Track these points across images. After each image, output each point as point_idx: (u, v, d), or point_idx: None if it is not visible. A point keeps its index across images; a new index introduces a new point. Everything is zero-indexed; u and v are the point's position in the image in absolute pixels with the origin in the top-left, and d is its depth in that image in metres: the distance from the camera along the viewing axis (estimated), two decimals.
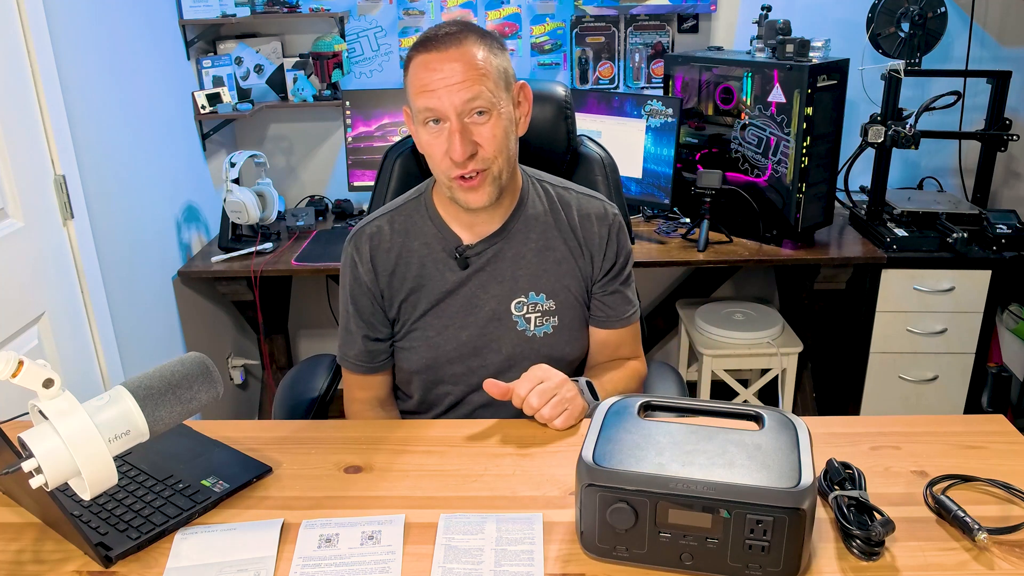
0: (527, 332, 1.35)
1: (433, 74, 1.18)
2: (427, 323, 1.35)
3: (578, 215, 1.37)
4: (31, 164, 1.75)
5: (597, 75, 2.82)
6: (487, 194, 1.24)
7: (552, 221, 1.36)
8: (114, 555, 0.96)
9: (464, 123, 1.19)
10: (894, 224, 2.48)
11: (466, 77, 1.17)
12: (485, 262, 1.33)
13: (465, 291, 1.34)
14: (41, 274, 1.77)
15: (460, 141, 1.18)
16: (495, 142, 1.21)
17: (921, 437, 1.16)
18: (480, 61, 1.19)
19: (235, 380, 2.85)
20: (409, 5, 2.76)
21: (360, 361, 1.39)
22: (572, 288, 1.37)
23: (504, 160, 1.24)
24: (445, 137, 1.20)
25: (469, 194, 1.24)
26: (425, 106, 1.19)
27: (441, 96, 1.17)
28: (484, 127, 1.20)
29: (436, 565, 0.93)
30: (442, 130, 1.20)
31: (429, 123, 1.21)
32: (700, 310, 2.73)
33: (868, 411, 2.55)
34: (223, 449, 1.17)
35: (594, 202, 1.39)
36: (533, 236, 1.35)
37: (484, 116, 1.20)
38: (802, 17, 2.67)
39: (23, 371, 0.86)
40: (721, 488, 0.86)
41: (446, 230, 1.34)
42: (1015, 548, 0.93)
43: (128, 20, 2.22)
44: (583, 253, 1.37)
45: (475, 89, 1.18)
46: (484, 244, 1.33)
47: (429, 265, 1.34)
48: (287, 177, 2.97)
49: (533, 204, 1.36)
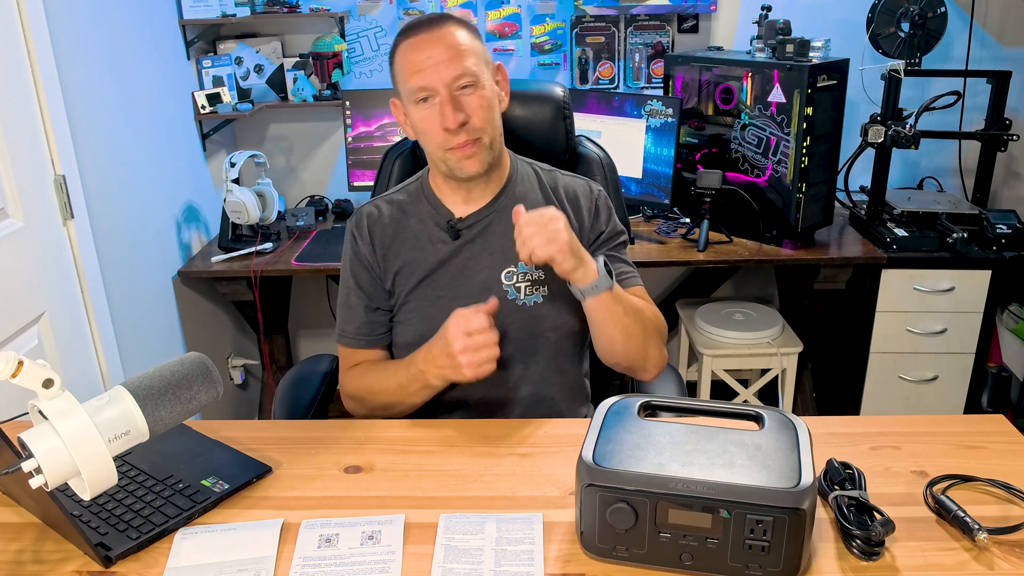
0: (517, 301, 1.38)
1: (421, 54, 1.27)
2: (420, 294, 1.40)
3: (565, 192, 1.44)
4: (31, 164, 1.75)
5: (597, 75, 2.83)
6: (480, 161, 1.32)
7: (541, 197, 1.43)
8: (114, 555, 0.96)
9: (454, 95, 1.27)
10: (894, 224, 2.48)
11: (452, 55, 1.27)
12: (476, 234, 1.39)
13: (457, 262, 1.39)
14: (41, 274, 1.77)
15: (452, 109, 1.26)
16: (483, 112, 1.30)
17: (921, 437, 1.16)
18: (462, 41, 1.29)
19: (235, 380, 2.85)
20: (409, 5, 2.76)
21: (361, 334, 1.43)
22: None
23: (492, 130, 1.33)
24: (437, 110, 1.28)
25: (464, 161, 1.31)
26: (417, 85, 1.28)
27: (430, 74, 1.27)
28: (472, 98, 1.29)
29: (436, 565, 0.93)
30: (433, 105, 1.28)
31: (421, 102, 1.29)
32: (700, 310, 2.73)
33: (868, 411, 2.55)
34: (223, 449, 1.17)
35: (578, 181, 1.46)
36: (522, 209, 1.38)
37: (471, 89, 1.29)
38: (802, 17, 2.67)
39: (23, 371, 0.86)
40: (721, 488, 0.86)
41: (440, 207, 1.41)
42: (1015, 548, 0.93)
43: (128, 20, 2.22)
44: (572, 224, 1.39)
45: (462, 66, 1.27)
46: (475, 216, 1.39)
47: (423, 238, 1.40)
48: (287, 177, 2.97)
49: (522, 182, 1.43)
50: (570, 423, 1.26)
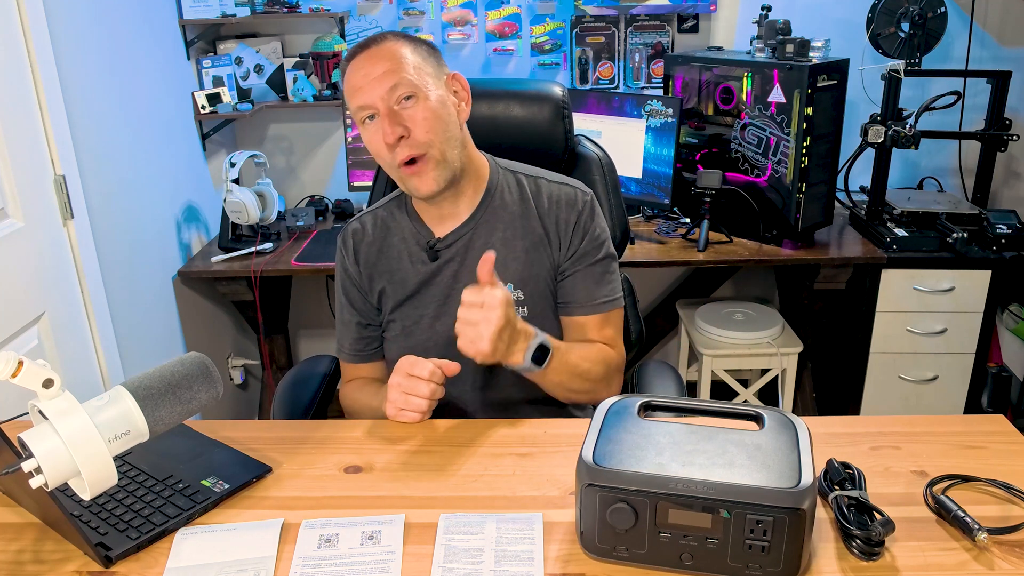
0: None
1: (358, 73, 1.26)
2: (403, 313, 1.40)
3: (548, 202, 1.38)
4: (31, 164, 1.75)
5: (597, 75, 2.83)
6: (432, 179, 1.27)
7: (522, 211, 1.38)
8: (114, 555, 0.96)
9: (392, 109, 1.25)
10: (894, 224, 2.48)
11: (387, 68, 1.24)
12: (455, 253, 1.37)
13: (438, 282, 1.38)
14: (41, 274, 1.77)
15: (389, 123, 1.23)
16: (426, 124, 1.25)
17: (921, 437, 1.16)
18: (398, 54, 1.26)
19: (235, 380, 2.85)
20: (409, 5, 2.76)
21: (355, 350, 1.46)
22: (542, 277, 1.38)
23: (443, 143, 1.27)
24: (380, 128, 1.25)
25: (413, 179, 1.28)
26: (358, 105, 1.26)
27: (366, 91, 1.24)
28: (412, 110, 1.25)
29: (436, 565, 0.93)
30: (378, 123, 1.26)
31: (366, 121, 1.27)
32: (700, 310, 2.73)
33: (868, 411, 2.55)
34: (223, 449, 1.17)
35: (565, 188, 1.39)
36: (501, 226, 1.37)
37: (411, 100, 1.25)
38: (802, 17, 2.67)
39: (23, 371, 0.86)
40: (721, 488, 0.86)
41: (420, 225, 1.39)
42: (1015, 548, 0.93)
43: (128, 20, 2.22)
44: (551, 241, 1.38)
45: (396, 77, 1.24)
46: (454, 236, 1.37)
47: (405, 258, 1.40)
48: (287, 177, 2.97)
49: (502, 194, 1.38)
50: (570, 423, 1.26)
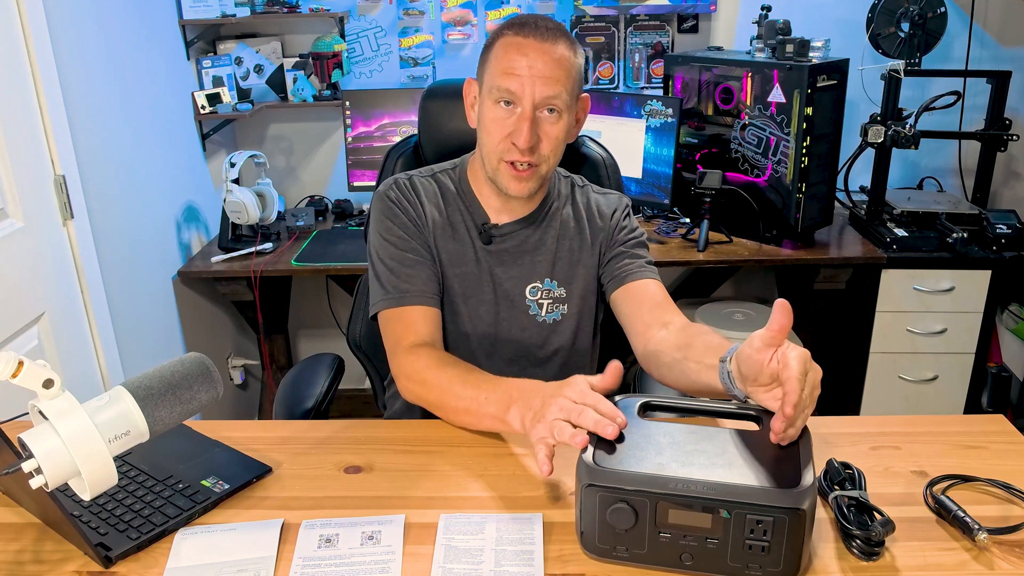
0: (538, 317, 1.39)
1: (522, 59, 1.21)
2: (448, 286, 1.37)
3: (597, 211, 1.42)
4: (31, 164, 1.75)
5: (597, 75, 2.82)
6: (529, 188, 1.29)
7: (572, 214, 1.41)
8: (114, 555, 0.96)
9: (536, 115, 1.23)
10: (894, 224, 2.48)
11: (552, 74, 1.21)
12: (508, 244, 1.38)
13: (485, 266, 1.37)
14: (41, 274, 1.77)
15: (529, 129, 1.22)
16: (554, 143, 1.26)
17: (921, 437, 1.16)
18: (568, 65, 1.24)
19: (235, 380, 2.85)
20: (409, 5, 2.76)
21: (432, 291, 1.32)
22: (582, 279, 1.41)
23: (554, 160, 1.29)
24: (513, 121, 1.23)
25: (514, 182, 1.28)
26: (506, 87, 1.22)
27: (524, 84, 1.21)
28: (552, 126, 1.25)
29: (436, 565, 0.93)
30: (512, 113, 1.23)
31: (501, 103, 1.24)
32: (700, 310, 2.73)
33: (868, 411, 2.55)
34: (223, 449, 1.17)
35: (610, 197, 1.45)
36: (555, 226, 1.40)
37: (554, 115, 1.24)
38: (802, 17, 2.67)
39: (23, 371, 0.85)
40: (721, 488, 0.86)
41: (476, 206, 1.38)
42: (1015, 548, 0.93)
43: (128, 20, 2.22)
44: (592, 247, 1.41)
45: (557, 88, 1.22)
46: (510, 227, 1.38)
47: (461, 232, 1.37)
48: (287, 177, 2.97)
49: (558, 198, 1.42)
50: None
